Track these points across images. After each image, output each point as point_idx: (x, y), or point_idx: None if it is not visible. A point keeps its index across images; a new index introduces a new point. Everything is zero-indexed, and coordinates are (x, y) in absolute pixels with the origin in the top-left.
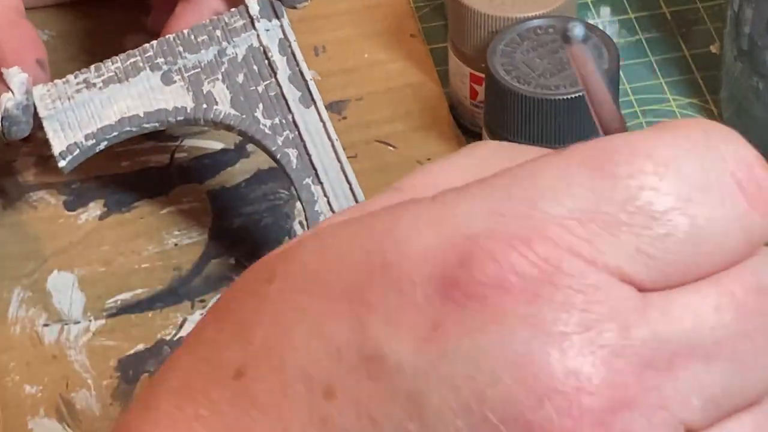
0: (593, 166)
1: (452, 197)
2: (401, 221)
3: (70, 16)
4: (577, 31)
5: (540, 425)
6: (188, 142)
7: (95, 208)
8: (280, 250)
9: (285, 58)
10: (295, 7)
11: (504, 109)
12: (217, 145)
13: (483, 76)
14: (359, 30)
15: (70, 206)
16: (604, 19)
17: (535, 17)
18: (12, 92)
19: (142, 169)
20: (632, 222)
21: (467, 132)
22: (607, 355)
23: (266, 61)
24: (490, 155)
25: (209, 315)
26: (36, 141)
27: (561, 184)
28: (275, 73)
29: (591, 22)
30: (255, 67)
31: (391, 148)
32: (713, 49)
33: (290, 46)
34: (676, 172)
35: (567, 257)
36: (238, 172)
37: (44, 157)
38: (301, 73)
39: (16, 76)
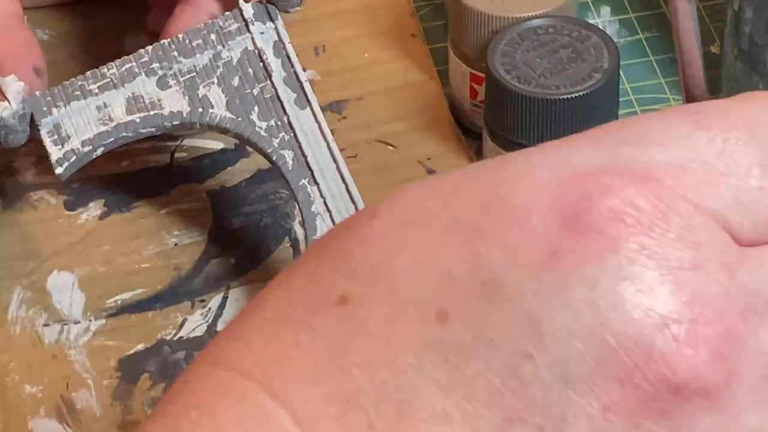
0: (694, 120)
1: (562, 144)
2: (511, 163)
3: (70, 16)
4: None
5: (659, 351)
6: (188, 142)
7: (95, 208)
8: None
9: (280, 60)
10: (287, 11)
11: (504, 109)
12: (217, 145)
13: (483, 76)
14: (359, 30)
15: (70, 206)
16: (604, 19)
17: (535, 17)
18: (8, 101)
19: (142, 169)
20: (729, 173)
21: (467, 132)
22: (718, 291)
23: (261, 64)
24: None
25: (306, 253)
26: (35, 141)
27: (666, 133)
28: (270, 76)
29: (591, 22)
30: (250, 70)
31: (391, 147)
32: (713, 49)
33: (285, 48)
34: (765, 132)
35: (674, 197)
36: (238, 172)
37: (44, 157)
38: (296, 75)
39: (13, 85)
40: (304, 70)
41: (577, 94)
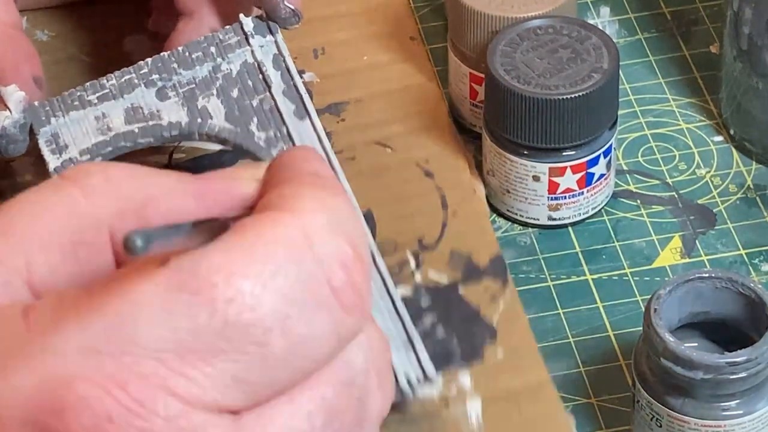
0: (193, 291)
1: (50, 325)
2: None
3: (70, 16)
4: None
5: None
6: (187, 143)
7: None
8: None
9: (279, 72)
10: (286, 28)
11: (504, 109)
12: (216, 146)
13: (483, 76)
14: (358, 32)
15: None
16: (604, 19)
17: (535, 17)
18: (9, 110)
19: None
20: (230, 348)
21: (467, 132)
22: None
23: (260, 76)
24: (97, 187)
25: None
26: (34, 142)
27: (160, 315)
28: (269, 87)
29: (591, 22)
30: (249, 82)
31: (389, 150)
32: (713, 49)
33: (284, 60)
34: (274, 291)
35: (162, 397)
36: None
37: (42, 158)
38: (296, 87)
39: (14, 94)
40: (304, 72)
41: (577, 94)
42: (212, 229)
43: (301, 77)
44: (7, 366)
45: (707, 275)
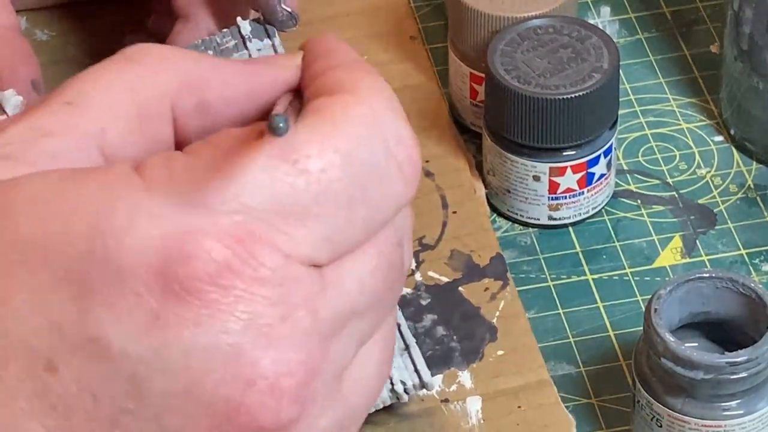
0: (290, 160)
1: (168, 184)
2: (120, 205)
3: (70, 16)
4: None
5: (246, 405)
6: None
7: None
8: None
9: None
10: (283, 31)
11: (504, 109)
12: None
13: (483, 76)
14: (359, 32)
15: None
16: (604, 19)
17: (535, 17)
18: (7, 114)
19: None
20: (322, 213)
21: (467, 132)
22: (301, 338)
23: None
24: (158, 64)
25: None
26: None
27: (266, 181)
28: None
29: (591, 22)
30: None
31: None
32: (713, 49)
33: None
34: (357, 163)
35: (268, 251)
36: None
37: None
38: None
39: (12, 99)
40: None
41: (577, 94)
42: (294, 107)
43: None
44: (135, 217)
45: (708, 275)
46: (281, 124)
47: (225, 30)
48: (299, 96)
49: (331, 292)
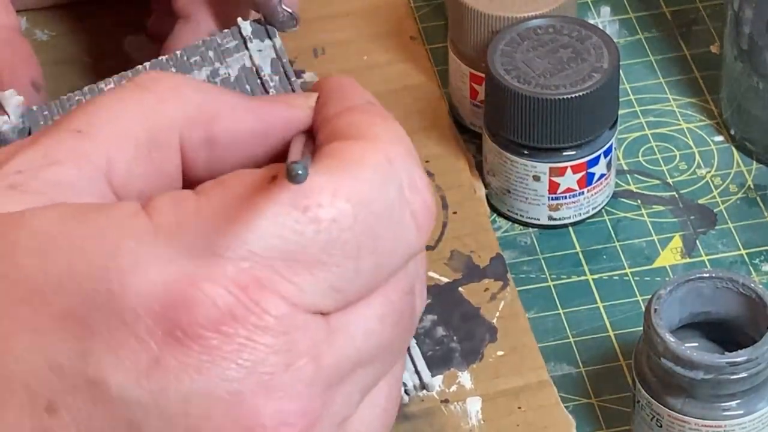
0: (301, 208)
1: (175, 228)
2: (125, 247)
3: (70, 16)
4: None
5: None
6: None
7: None
8: None
9: (278, 77)
10: (284, 31)
11: (504, 109)
12: None
13: (483, 75)
14: (359, 32)
15: None
16: (604, 19)
17: (535, 17)
18: (8, 115)
19: None
20: (330, 262)
21: (467, 132)
22: (303, 387)
23: (259, 80)
24: (169, 93)
25: None
26: None
27: (274, 228)
28: (268, 92)
29: (591, 22)
30: (248, 86)
31: None
32: (713, 49)
33: (283, 65)
34: (369, 213)
35: (274, 299)
36: None
37: None
38: (294, 91)
39: (12, 99)
40: (304, 72)
41: (577, 94)
42: (308, 149)
43: (302, 77)
44: (140, 260)
45: (708, 275)
46: (300, 172)
47: (226, 30)
48: (311, 137)
49: (336, 340)
